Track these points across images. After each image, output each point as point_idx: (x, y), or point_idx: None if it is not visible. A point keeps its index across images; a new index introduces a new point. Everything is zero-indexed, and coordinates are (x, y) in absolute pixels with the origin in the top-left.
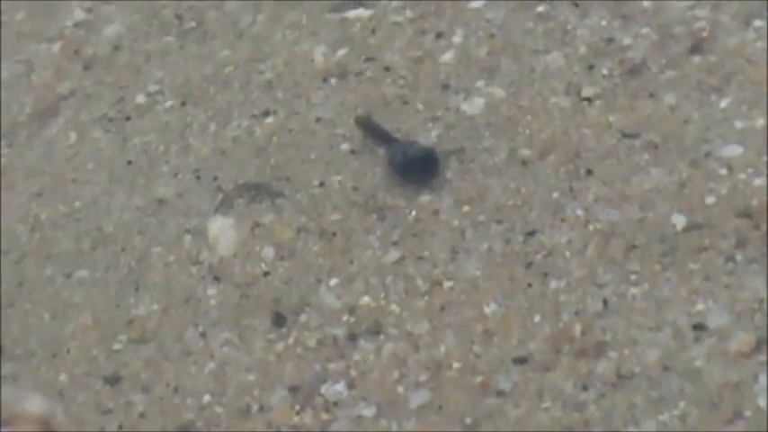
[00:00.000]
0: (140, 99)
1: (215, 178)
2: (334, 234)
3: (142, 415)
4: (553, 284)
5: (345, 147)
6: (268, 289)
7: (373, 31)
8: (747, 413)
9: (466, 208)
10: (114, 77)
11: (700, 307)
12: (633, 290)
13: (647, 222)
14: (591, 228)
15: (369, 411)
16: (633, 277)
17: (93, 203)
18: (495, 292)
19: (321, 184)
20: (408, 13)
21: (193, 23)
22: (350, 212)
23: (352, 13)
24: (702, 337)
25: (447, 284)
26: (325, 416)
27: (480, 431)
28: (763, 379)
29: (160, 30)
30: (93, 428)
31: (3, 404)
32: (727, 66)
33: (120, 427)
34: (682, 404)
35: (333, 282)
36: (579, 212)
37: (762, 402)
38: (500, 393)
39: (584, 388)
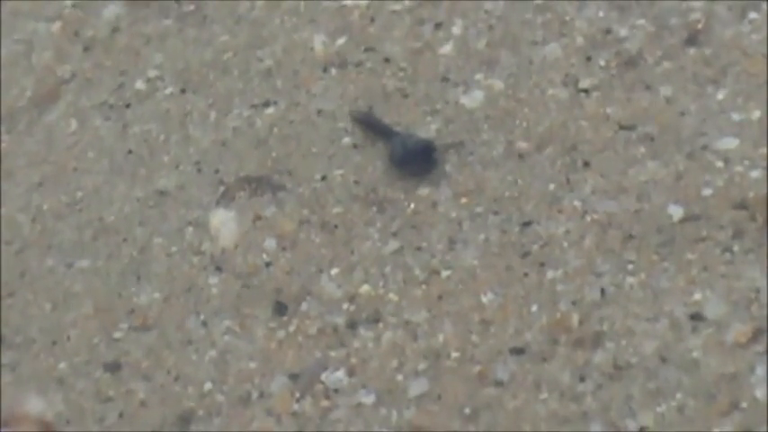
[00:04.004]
0: (140, 85)
1: (216, 171)
2: (335, 226)
3: (143, 403)
4: (550, 274)
5: (347, 141)
6: (269, 279)
7: (372, 19)
8: (744, 404)
9: (464, 200)
10: (114, 61)
11: (697, 297)
12: (630, 279)
13: (644, 213)
14: (588, 218)
15: (368, 399)
16: (630, 267)
17: (94, 194)
18: (492, 282)
19: (323, 178)
20: (406, 2)
21: (192, 7)
22: (351, 206)
23: (349, 1)
24: (699, 327)
25: (445, 274)
26: (325, 403)
27: (479, 422)
28: (759, 370)
29: (159, 12)
30: (93, 417)
31: (3, 404)
32: (723, 58)
33: (121, 415)
34: (679, 395)
35: (333, 271)
36: (576, 204)
37: (758, 394)
38: (498, 383)
39: (582, 379)
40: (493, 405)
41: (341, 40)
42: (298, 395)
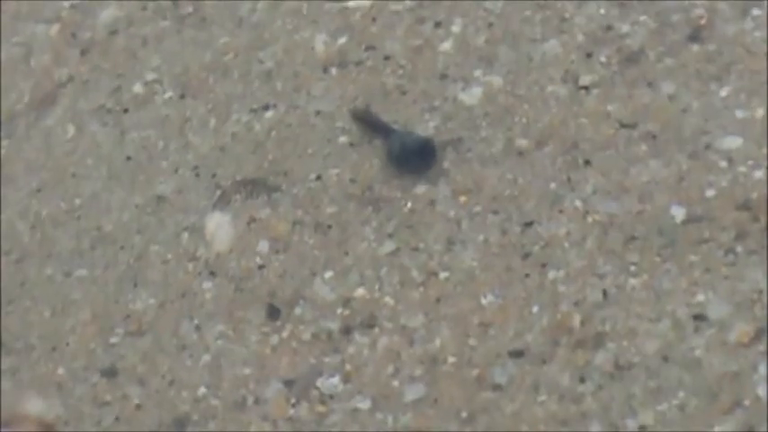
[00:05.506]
0: (138, 89)
1: (213, 175)
2: (329, 227)
3: (138, 407)
4: (551, 275)
5: (344, 139)
6: (263, 282)
7: (373, 19)
8: (746, 402)
9: (462, 198)
10: (111, 63)
11: (699, 298)
12: (633, 281)
13: (646, 214)
14: (590, 219)
15: (364, 405)
16: (632, 269)
17: (92, 200)
18: (491, 283)
19: (318, 178)
20: (408, 2)
21: (190, 9)
22: (346, 205)
23: (352, 3)
24: (702, 327)
25: (442, 275)
26: (320, 408)
27: (476, 425)
28: (762, 369)
29: (156, 14)
30: (90, 421)
31: (3, 404)
32: (725, 55)
33: (117, 419)
34: (681, 394)
35: (328, 274)
36: (578, 203)
37: (761, 392)
38: (496, 387)
39: (582, 380)
40: (490, 408)
41: (342, 40)
42: (293, 401)
